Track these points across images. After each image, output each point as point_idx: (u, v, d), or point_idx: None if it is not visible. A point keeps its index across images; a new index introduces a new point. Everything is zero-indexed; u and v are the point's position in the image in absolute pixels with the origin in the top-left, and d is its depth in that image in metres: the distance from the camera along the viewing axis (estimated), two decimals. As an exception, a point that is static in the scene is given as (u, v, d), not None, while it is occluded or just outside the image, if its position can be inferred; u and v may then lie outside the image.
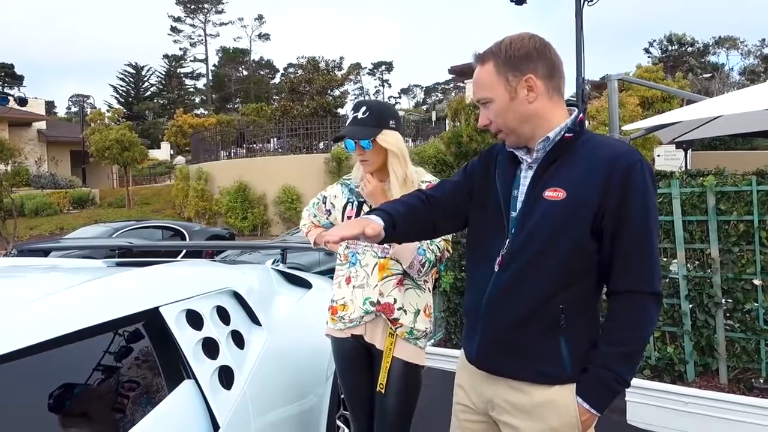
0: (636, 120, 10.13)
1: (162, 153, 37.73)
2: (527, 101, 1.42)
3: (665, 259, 3.72)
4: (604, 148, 1.41)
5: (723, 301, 3.52)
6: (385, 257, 2.05)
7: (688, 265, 3.63)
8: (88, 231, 10.32)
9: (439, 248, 2.04)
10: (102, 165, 24.76)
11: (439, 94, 67.78)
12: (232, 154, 20.15)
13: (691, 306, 3.61)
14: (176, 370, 1.59)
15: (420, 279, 2.08)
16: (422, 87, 72.94)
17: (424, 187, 2.07)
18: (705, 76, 28.28)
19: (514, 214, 1.47)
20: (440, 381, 4.16)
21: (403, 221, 1.52)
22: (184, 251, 7.12)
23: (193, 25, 56.33)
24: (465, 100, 13.90)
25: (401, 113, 30.17)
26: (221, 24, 57.16)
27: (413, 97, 74.18)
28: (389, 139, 2.06)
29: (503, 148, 1.56)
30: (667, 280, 3.68)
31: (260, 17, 58.84)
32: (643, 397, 3.40)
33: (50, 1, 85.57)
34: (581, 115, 1.48)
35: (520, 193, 1.48)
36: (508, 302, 1.44)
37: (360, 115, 2.07)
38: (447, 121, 17.59)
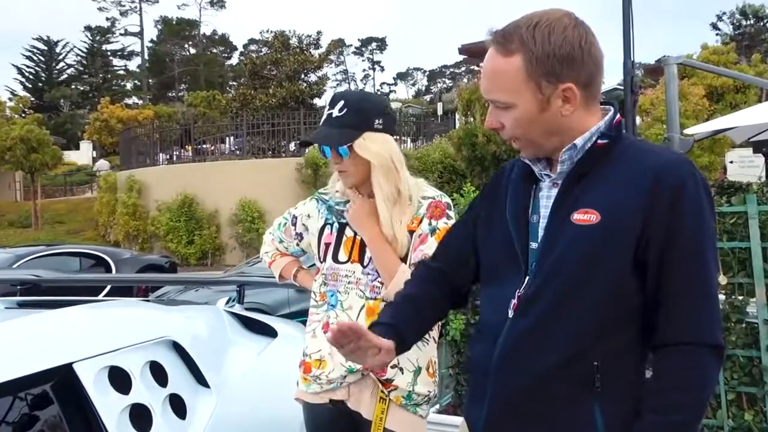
0: (701, 115, 10.28)
1: (82, 155, 37.79)
2: (560, 114, 1.42)
3: (741, 298, 3.75)
4: (648, 158, 1.42)
5: (817, 353, 3.55)
6: (375, 298, 2.07)
7: (771, 307, 3.66)
8: (-18, 258, 10.24)
9: None
10: (1, 171, 24.72)
11: (447, 81, 68.60)
12: (175, 158, 20.23)
13: (775, 360, 3.63)
14: (94, 447, 1.59)
15: None
16: (425, 71, 73.88)
17: (425, 205, 2.10)
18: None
19: (534, 245, 1.49)
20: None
21: (413, 324, 1.59)
22: (109, 287, 7.09)
23: (124, -12, 56.84)
24: (480, 89, 14.04)
25: (396, 105, 30.42)
26: (161, -13, 57.75)
27: (413, 84, 75.09)
28: (372, 145, 2.07)
29: (517, 162, 1.58)
30: (743, 325, 3.70)
31: (213, -21, 59.42)
32: (714, 481, 3.40)
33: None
34: (618, 115, 1.49)
35: (542, 217, 1.49)
36: (526, 357, 1.44)
37: (336, 112, 2.09)
38: (457, 116, 17.73)
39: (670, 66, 6.18)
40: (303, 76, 24.96)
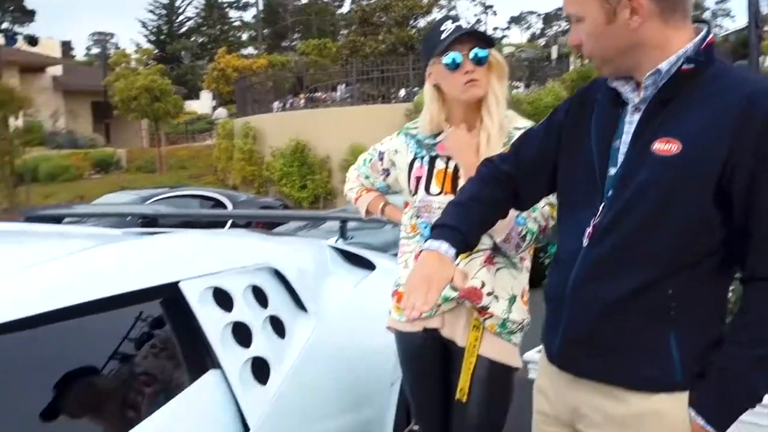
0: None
1: (202, 104, 39.32)
2: (629, 26, 1.37)
3: None
4: (742, 85, 1.35)
5: None
6: None
7: None
8: (112, 200, 11.00)
9: (543, 215, 2.03)
10: (128, 119, 26.15)
11: (563, 23, 65.93)
12: (288, 105, 20.66)
13: None
14: (199, 357, 1.72)
15: (516, 256, 2.09)
16: (539, 14, 71.23)
17: (517, 135, 2.07)
18: None
19: (612, 171, 1.46)
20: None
21: (478, 230, 1.61)
22: (230, 223, 7.46)
23: (239, -60, 57.82)
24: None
25: (509, 50, 29.61)
26: (275, -64, 58.28)
27: (527, 28, 72.69)
28: (499, 56, 2.09)
29: (605, 83, 1.53)
30: None
31: (325, -75, 59.31)
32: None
33: None
34: (710, 37, 1.41)
35: (623, 143, 1.46)
36: (599, 285, 1.44)
37: (464, 24, 2.09)
38: (571, 59, 17.12)
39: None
40: (412, 21, 24.75)
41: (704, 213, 1.35)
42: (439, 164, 2.14)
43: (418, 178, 2.16)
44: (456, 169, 2.11)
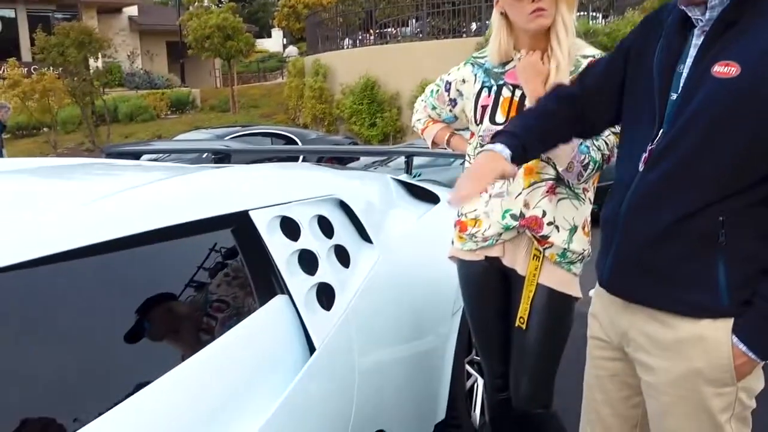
0: None
1: (273, 43, 39.49)
2: None
3: None
4: None
5: None
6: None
7: None
8: (188, 137, 11.39)
9: (607, 144, 2.03)
10: (202, 59, 26.53)
11: (647, -52, 62.42)
12: (358, 42, 20.55)
13: None
14: (268, 282, 1.80)
15: (579, 186, 2.10)
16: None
17: (584, 64, 2.05)
18: None
19: (674, 96, 1.47)
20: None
21: (537, 140, 1.65)
22: (302, 158, 7.64)
23: None
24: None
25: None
26: None
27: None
28: None
29: (675, 7, 1.51)
30: None
31: None
32: None
33: None
34: None
35: (686, 67, 1.45)
36: (650, 210, 1.47)
37: None
38: (653, -14, 16.29)
39: None
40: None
41: (761, 136, 1.35)
42: (506, 92, 2.14)
43: (484, 107, 2.17)
44: (522, 98, 2.10)
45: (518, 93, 2.12)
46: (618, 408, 1.70)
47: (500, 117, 2.13)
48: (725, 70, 1.36)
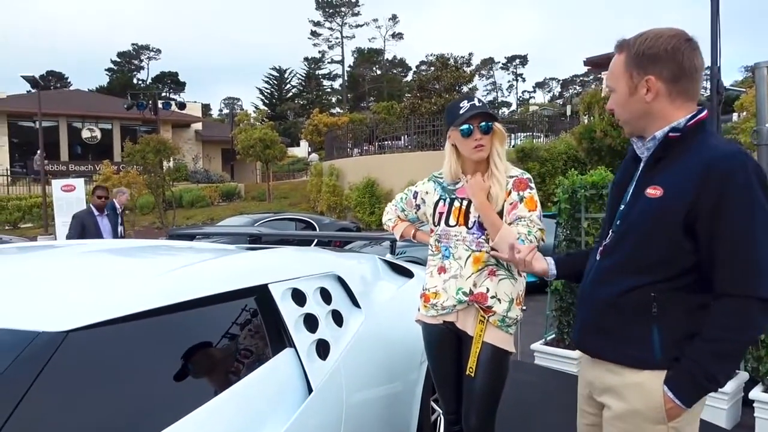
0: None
1: (301, 151, 40.10)
2: (644, 100, 1.47)
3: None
4: (708, 150, 1.41)
5: None
6: (480, 251, 2.14)
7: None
8: (233, 221, 11.43)
9: (536, 238, 2.09)
10: (247, 162, 26.96)
11: (577, 87, 64.49)
12: (363, 151, 20.93)
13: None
14: (279, 338, 1.82)
15: (515, 269, 2.14)
16: (559, 80, 69.87)
17: (511, 182, 2.13)
18: None
19: (621, 208, 1.56)
20: (550, 380, 4.13)
21: (567, 268, 1.80)
22: (316, 240, 7.67)
23: (330, 29, 59.20)
24: (599, 93, 13.20)
25: (534, 108, 29.09)
26: (357, 26, 59.30)
27: (549, 91, 71.37)
28: (500, 127, 2.17)
29: (631, 146, 1.63)
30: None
31: (394, 17, 59.96)
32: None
33: (207, 15, 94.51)
34: (700, 115, 1.47)
35: (632, 187, 1.55)
36: (603, 287, 1.53)
37: (477, 103, 2.17)
38: (580, 116, 16.78)
39: (761, 69, 5.54)
40: (458, 87, 24.75)
41: (677, 240, 1.41)
42: (457, 204, 2.21)
43: (441, 213, 2.24)
44: (468, 207, 2.18)
45: (465, 203, 2.19)
46: None
47: (452, 221, 2.20)
48: (653, 192, 1.45)
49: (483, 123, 2.11)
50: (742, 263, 1.35)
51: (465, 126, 2.12)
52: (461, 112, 2.15)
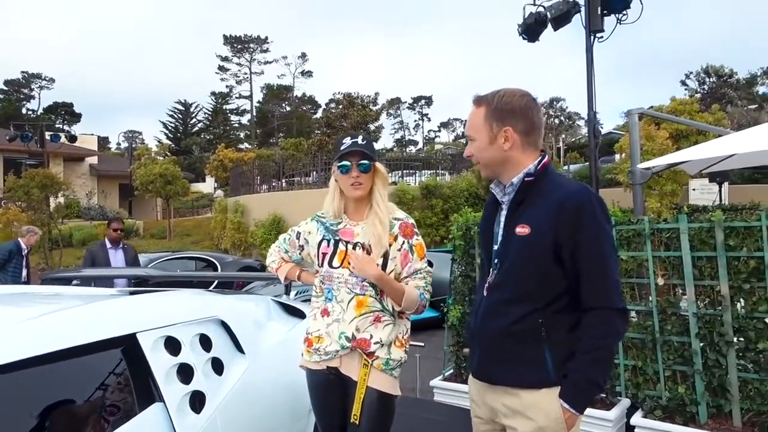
0: (666, 153, 9.99)
1: (207, 186, 38.92)
2: (503, 148, 1.68)
3: (675, 296, 3.65)
4: (559, 190, 1.63)
5: (735, 339, 3.41)
6: (364, 294, 2.09)
7: (698, 303, 3.55)
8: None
9: (428, 284, 2.16)
10: (146, 198, 25.69)
11: (479, 128, 67.74)
12: (271, 188, 20.62)
13: (701, 344, 3.51)
14: (147, 392, 1.70)
15: (396, 312, 2.13)
16: (462, 120, 73.18)
17: (397, 225, 2.14)
18: (752, 107, 27.38)
19: (495, 247, 1.72)
20: (450, 416, 4.13)
21: None
22: (216, 282, 7.30)
23: (239, 64, 58.56)
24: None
25: (438, 147, 30.19)
26: (266, 62, 59.07)
27: (453, 131, 74.45)
28: (381, 167, 2.17)
29: (490, 192, 1.80)
30: (677, 317, 3.60)
31: (303, 55, 60.44)
32: (651, 439, 3.30)
33: (109, 44, 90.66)
34: (545, 160, 1.71)
35: (500, 228, 1.71)
36: (495, 320, 1.66)
37: (360, 141, 2.16)
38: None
39: (633, 116, 6.10)
40: (365, 126, 25.25)
41: (549, 268, 1.60)
42: (341, 246, 2.16)
43: (324, 254, 2.18)
44: (352, 248, 2.13)
45: (349, 246, 2.14)
46: None
47: (336, 263, 2.14)
48: (522, 230, 1.63)
49: (362, 161, 2.11)
50: (598, 280, 1.58)
51: (344, 163, 2.12)
52: (342, 148, 2.15)
